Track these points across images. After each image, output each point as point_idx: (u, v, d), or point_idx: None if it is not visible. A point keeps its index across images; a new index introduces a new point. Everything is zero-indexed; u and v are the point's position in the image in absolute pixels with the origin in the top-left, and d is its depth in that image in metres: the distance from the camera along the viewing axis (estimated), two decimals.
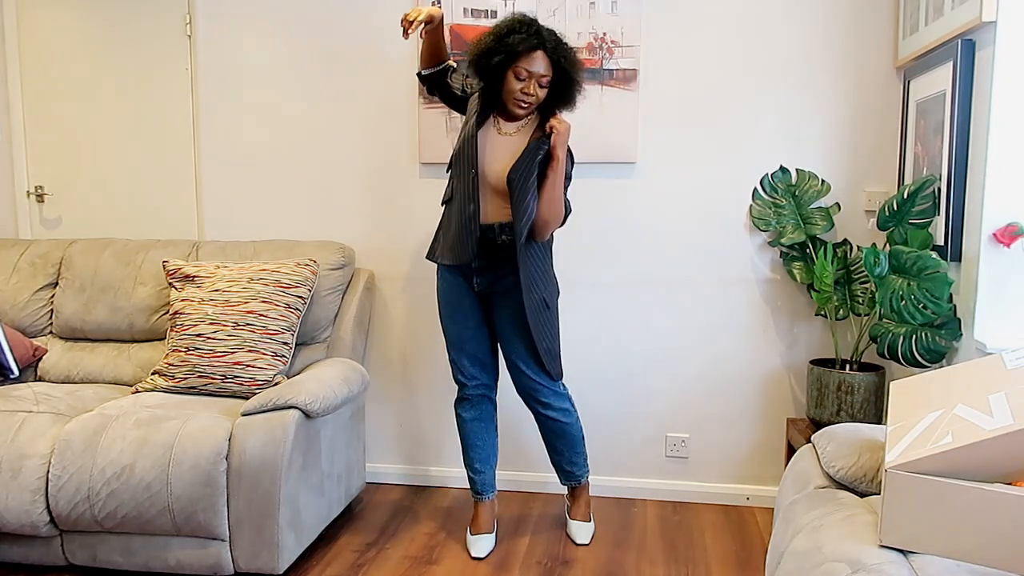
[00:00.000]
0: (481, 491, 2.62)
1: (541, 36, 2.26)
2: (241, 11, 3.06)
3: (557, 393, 2.52)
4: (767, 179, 2.77)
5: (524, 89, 2.28)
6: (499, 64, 2.28)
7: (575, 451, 2.61)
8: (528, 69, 2.26)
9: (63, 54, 3.20)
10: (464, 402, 2.58)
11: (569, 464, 2.63)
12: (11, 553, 2.33)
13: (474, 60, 2.32)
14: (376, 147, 3.04)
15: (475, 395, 2.57)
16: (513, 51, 2.24)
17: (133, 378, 2.78)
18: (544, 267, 2.44)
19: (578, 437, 2.60)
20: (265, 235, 3.12)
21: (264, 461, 2.19)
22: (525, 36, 2.24)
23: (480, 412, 2.59)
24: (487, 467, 2.62)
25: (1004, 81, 2.04)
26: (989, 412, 1.28)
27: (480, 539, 2.56)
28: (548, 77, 2.29)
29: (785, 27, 2.76)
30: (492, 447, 2.63)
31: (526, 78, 2.27)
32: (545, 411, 2.52)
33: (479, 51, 2.31)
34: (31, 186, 3.28)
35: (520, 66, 2.26)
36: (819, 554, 1.32)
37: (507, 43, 2.25)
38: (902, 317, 2.21)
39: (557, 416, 2.52)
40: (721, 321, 2.90)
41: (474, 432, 2.59)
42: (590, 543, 2.61)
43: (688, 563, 2.49)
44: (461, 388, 2.57)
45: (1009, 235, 2.02)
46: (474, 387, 2.56)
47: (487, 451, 2.61)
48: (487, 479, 2.62)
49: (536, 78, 2.28)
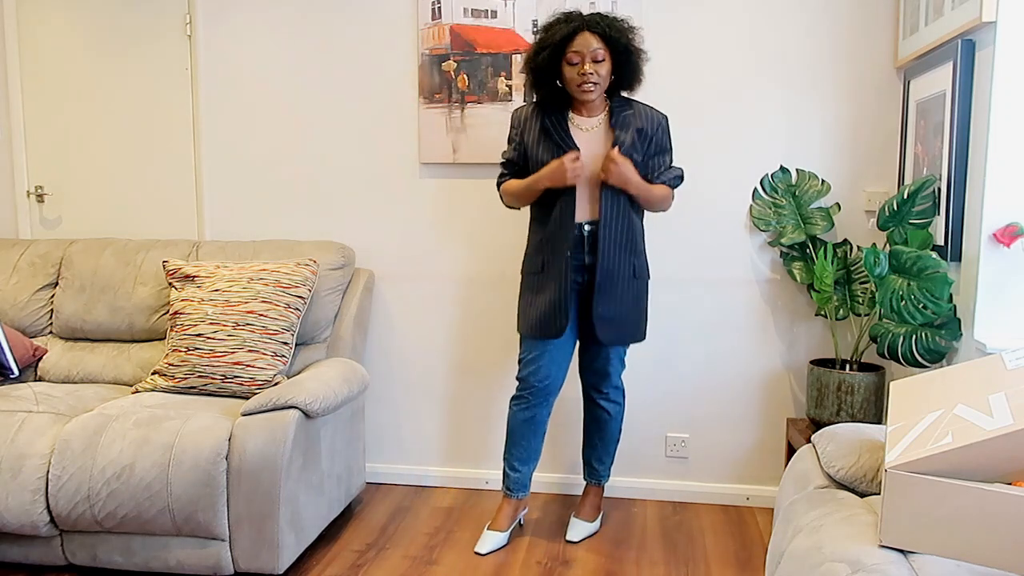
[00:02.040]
0: (513, 488, 2.59)
1: (581, 17, 2.30)
2: (241, 11, 3.06)
3: (617, 388, 2.61)
4: (767, 179, 2.77)
5: (580, 71, 2.29)
6: (551, 58, 2.31)
7: (607, 450, 2.69)
8: (577, 50, 2.28)
9: (63, 54, 3.21)
10: (521, 400, 2.53)
11: (598, 461, 2.70)
12: (11, 553, 2.33)
13: (528, 67, 2.38)
14: (376, 147, 3.04)
15: (537, 395, 2.50)
16: (557, 39, 2.28)
17: (133, 378, 2.78)
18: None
19: (615, 437, 2.68)
20: (265, 235, 3.12)
21: (264, 461, 2.19)
22: (565, 22, 2.29)
23: (536, 412, 2.53)
24: (526, 467, 2.58)
25: (1004, 81, 2.04)
26: (989, 412, 1.28)
27: (492, 536, 2.56)
28: (601, 51, 2.28)
29: (785, 27, 2.76)
30: (537, 450, 2.58)
31: (579, 60, 2.29)
32: (602, 401, 2.60)
33: (529, 55, 2.36)
34: (31, 186, 3.28)
35: (569, 51, 2.28)
36: (819, 554, 1.32)
37: (550, 35, 2.30)
38: (902, 317, 2.21)
39: (609, 408, 2.61)
40: (721, 321, 2.90)
41: (521, 432, 2.54)
42: (579, 542, 2.62)
43: (688, 563, 2.49)
44: (526, 388, 2.50)
45: (1009, 235, 2.02)
46: (543, 387, 2.49)
47: (529, 452, 2.57)
48: (523, 479, 2.59)
49: (589, 55, 2.27)
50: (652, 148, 2.43)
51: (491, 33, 2.88)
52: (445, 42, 2.91)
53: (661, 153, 2.45)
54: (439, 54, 2.92)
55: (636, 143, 2.38)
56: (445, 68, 2.92)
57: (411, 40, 2.95)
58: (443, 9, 2.90)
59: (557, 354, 2.48)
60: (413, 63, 2.96)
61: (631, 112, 2.41)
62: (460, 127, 2.94)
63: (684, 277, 2.90)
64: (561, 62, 2.31)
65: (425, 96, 2.95)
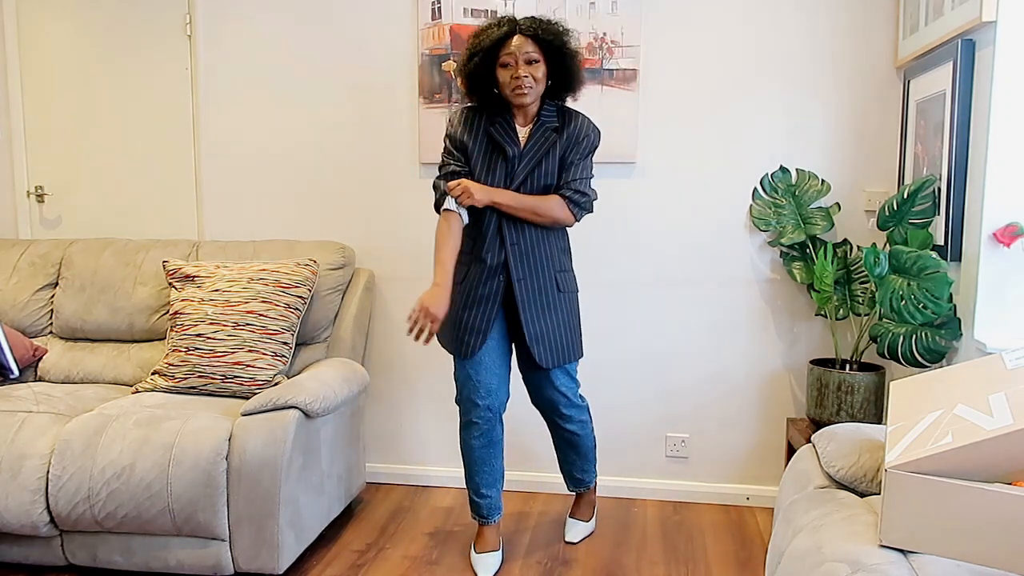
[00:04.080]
0: (487, 515, 2.45)
1: (514, 22, 2.22)
2: (241, 11, 3.06)
3: (577, 406, 2.46)
4: (767, 179, 2.77)
5: (514, 74, 2.20)
6: (483, 62, 2.23)
7: (586, 459, 2.57)
8: (510, 52, 2.20)
9: (63, 54, 3.21)
10: (473, 426, 2.38)
11: (580, 472, 2.59)
12: (11, 553, 2.33)
13: (461, 72, 2.29)
14: (376, 147, 3.04)
15: (486, 418, 2.37)
16: (488, 43, 2.20)
17: (133, 378, 2.78)
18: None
19: (591, 447, 2.55)
20: (265, 235, 3.12)
21: (264, 461, 2.19)
22: (497, 27, 2.22)
23: (491, 437, 2.40)
24: (494, 491, 2.44)
25: (1004, 81, 2.04)
26: (989, 412, 1.28)
27: (486, 557, 2.42)
28: (535, 53, 2.20)
29: (785, 27, 2.76)
30: (500, 470, 2.45)
31: (512, 63, 2.20)
32: (565, 424, 2.47)
33: (462, 61, 2.28)
34: (31, 186, 3.28)
35: (502, 55, 2.21)
36: (819, 554, 1.32)
37: (482, 39, 2.22)
38: (902, 317, 2.21)
39: (575, 428, 2.48)
40: (721, 321, 2.90)
41: (482, 458, 2.41)
42: (578, 542, 2.61)
43: (688, 563, 2.49)
44: (472, 411, 2.37)
45: (1009, 235, 2.02)
46: (486, 408, 2.37)
47: (495, 475, 2.43)
48: (494, 502, 2.45)
49: (521, 58, 2.19)
50: (572, 154, 2.30)
51: None
52: (445, 42, 2.91)
53: (576, 161, 2.31)
54: (439, 54, 2.92)
55: (556, 147, 2.28)
56: (445, 68, 2.92)
57: (411, 40, 2.95)
58: (443, 9, 2.90)
59: (493, 363, 2.35)
60: (413, 63, 2.96)
61: (558, 116, 2.32)
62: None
63: (684, 277, 2.90)
64: (495, 66, 2.24)
65: (425, 96, 2.95)
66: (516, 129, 2.32)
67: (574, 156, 2.30)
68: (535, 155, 2.29)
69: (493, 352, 2.36)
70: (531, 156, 2.29)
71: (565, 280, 2.37)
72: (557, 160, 2.30)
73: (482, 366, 2.34)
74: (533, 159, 2.29)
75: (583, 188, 2.31)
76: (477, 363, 2.34)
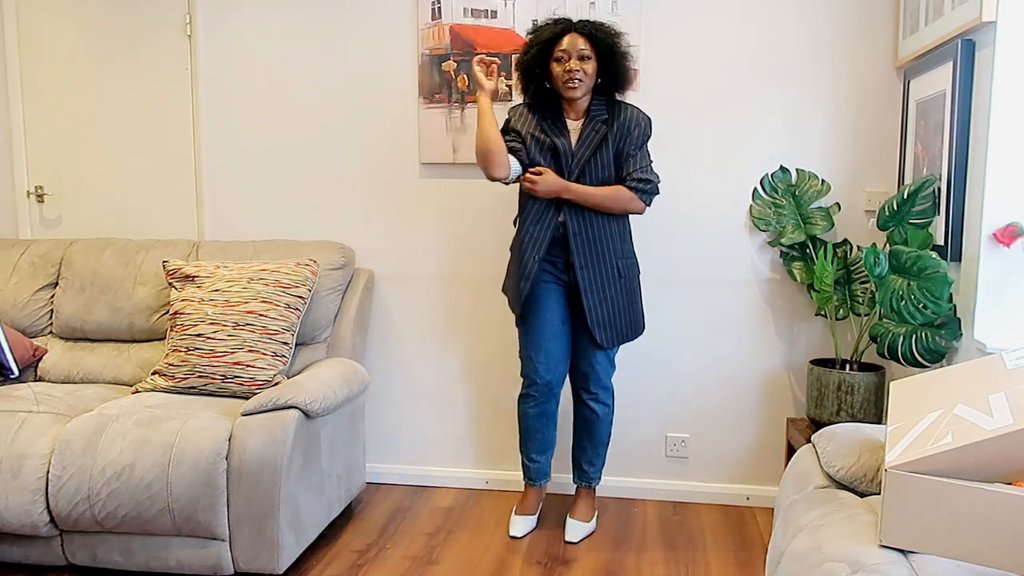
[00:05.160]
0: (535, 478, 2.71)
1: (569, 20, 2.43)
2: (241, 11, 3.06)
3: (605, 387, 2.64)
4: (767, 179, 2.77)
5: (567, 68, 2.39)
6: (539, 55, 2.42)
7: (597, 452, 2.70)
8: (564, 49, 2.39)
9: (63, 54, 3.20)
10: (530, 399, 2.62)
11: (588, 464, 2.70)
12: (11, 553, 2.33)
13: (519, 66, 2.49)
14: (376, 147, 3.04)
15: (543, 392, 2.60)
16: (546, 38, 2.40)
17: (133, 378, 2.78)
18: None
19: (605, 440, 2.69)
20: (265, 235, 3.12)
21: (264, 461, 2.19)
22: (553, 24, 2.43)
23: (544, 408, 2.63)
24: (543, 457, 2.70)
25: (1004, 81, 2.04)
26: (989, 412, 1.28)
27: (523, 519, 2.67)
28: (587, 50, 2.39)
29: (785, 27, 2.76)
30: (552, 439, 2.69)
31: (565, 58, 2.39)
32: (589, 400, 2.62)
33: (521, 55, 2.49)
34: (31, 186, 3.28)
35: (557, 50, 2.40)
36: (819, 554, 1.32)
37: (539, 35, 2.43)
38: (902, 317, 2.21)
39: (596, 408, 2.63)
40: (721, 321, 2.90)
41: (534, 427, 2.65)
42: (578, 542, 2.62)
43: (688, 563, 2.49)
44: (531, 386, 2.60)
45: (1009, 235, 2.02)
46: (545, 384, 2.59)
47: (545, 443, 2.68)
48: (543, 467, 2.71)
49: (575, 53, 2.38)
50: (627, 146, 2.47)
51: (491, 33, 2.88)
52: (445, 42, 2.91)
53: (632, 152, 2.47)
54: (439, 54, 2.92)
55: (608, 139, 2.44)
56: (445, 68, 2.92)
57: (411, 40, 2.95)
58: (443, 9, 2.90)
59: (553, 347, 2.55)
60: (413, 63, 2.96)
61: (607, 109, 2.48)
62: (460, 127, 2.94)
63: (684, 277, 2.90)
64: (549, 61, 2.42)
65: (425, 96, 2.95)
66: (567, 124, 2.50)
67: (630, 148, 2.47)
68: (588, 148, 2.45)
69: (554, 337, 2.55)
70: (584, 149, 2.45)
71: (626, 266, 2.55)
72: (611, 153, 2.46)
73: (542, 350, 2.55)
74: (586, 153, 2.45)
75: (647, 175, 2.48)
76: (538, 347, 2.55)
